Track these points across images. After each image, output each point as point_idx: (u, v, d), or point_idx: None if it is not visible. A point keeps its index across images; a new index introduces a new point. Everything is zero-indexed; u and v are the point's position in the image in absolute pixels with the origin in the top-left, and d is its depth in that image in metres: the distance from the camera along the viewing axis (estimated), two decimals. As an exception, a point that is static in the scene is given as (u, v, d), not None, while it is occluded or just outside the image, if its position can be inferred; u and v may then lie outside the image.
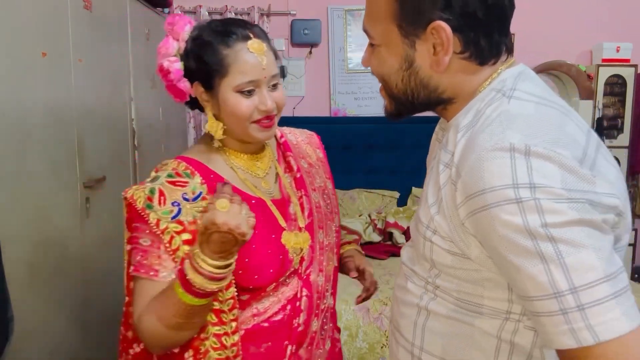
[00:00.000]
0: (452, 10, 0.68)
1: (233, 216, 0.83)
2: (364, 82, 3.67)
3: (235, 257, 0.89)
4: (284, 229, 1.03)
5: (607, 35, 3.62)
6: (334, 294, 1.15)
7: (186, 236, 0.93)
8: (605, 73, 3.55)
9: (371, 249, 2.87)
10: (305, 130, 1.24)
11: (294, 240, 1.03)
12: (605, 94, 3.59)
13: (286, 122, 1.22)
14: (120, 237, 1.21)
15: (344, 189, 3.35)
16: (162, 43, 0.98)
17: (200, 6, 3.65)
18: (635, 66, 3.55)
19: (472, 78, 0.74)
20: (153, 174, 0.99)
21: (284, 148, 1.14)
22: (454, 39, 0.70)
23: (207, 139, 1.05)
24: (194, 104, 1.04)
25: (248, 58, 0.95)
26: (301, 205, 1.08)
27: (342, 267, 1.21)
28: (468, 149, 0.67)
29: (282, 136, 1.17)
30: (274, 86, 1.00)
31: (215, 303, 0.95)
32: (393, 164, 3.46)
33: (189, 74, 0.99)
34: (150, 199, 0.93)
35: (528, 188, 0.60)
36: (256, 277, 0.97)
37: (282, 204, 1.06)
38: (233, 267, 0.90)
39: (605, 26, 3.65)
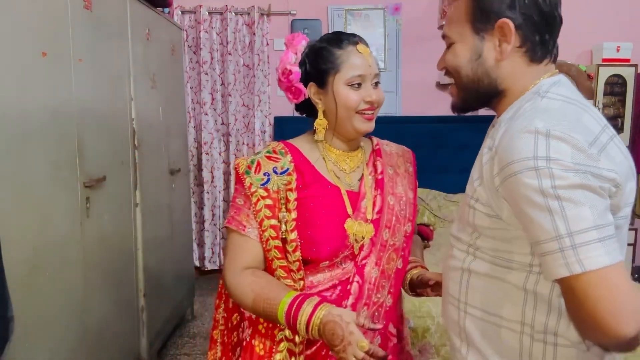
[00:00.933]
0: (515, 11, 0.91)
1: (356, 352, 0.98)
2: (364, 81, 3.67)
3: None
4: (350, 216, 1.17)
5: (607, 35, 3.62)
6: (394, 294, 1.22)
7: (268, 201, 1.14)
8: (605, 73, 3.55)
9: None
10: (404, 146, 1.40)
11: (356, 228, 1.17)
12: (605, 94, 3.59)
13: (287, 121, 1.27)
14: (120, 237, 1.22)
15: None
16: (283, 54, 1.20)
17: (200, 6, 3.65)
18: (635, 66, 3.55)
19: (523, 74, 0.95)
20: (259, 148, 1.18)
21: (376, 154, 1.30)
22: (515, 35, 0.91)
23: (312, 132, 1.23)
24: (304, 109, 1.24)
25: (357, 56, 1.16)
26: (374, 202, 1.21)
27: (416, 285, 1.25)
28: (505, 134, 0.87)
29: (377, 144, 1.33)
30: (376, 84, 1.19)
31: (283, 261, 1.13)
32: (393, 164, 3.46)
33: (304, 78, 1.19)
34: (249, 167, 1.16)
35: (545, 160, 0.79)
36: (314, 249, 1.13)
37: (356, 196, 1.21)
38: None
39: (606, 26, 3.65)
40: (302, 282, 1.14)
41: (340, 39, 1.18)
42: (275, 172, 1.15)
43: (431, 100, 3.65)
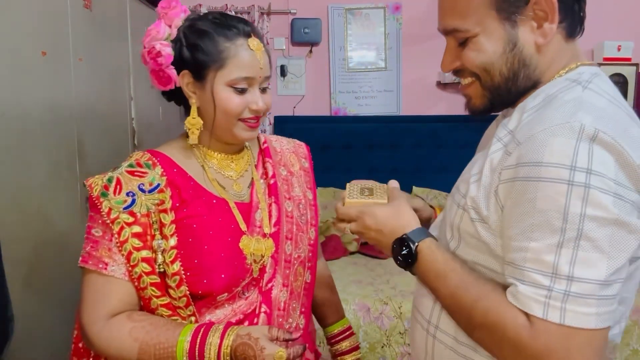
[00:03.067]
0: None
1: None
2: (364, 81, 3.67)
3: None
4: (244, 233, 0.98)
5: (608, 34, 3.61)
6: (305, 313, 1.07)
7: (136, 228, 0.91)
8: (606, 72, 3.52)
9: (371, 248, 2.87)
10: (296, 140, 1.21)
11: (254, 246, 0.98)
12: (606, 93, 3.59)
13: (287, 121, 1.21)
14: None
15: (344, 189, 3.34)
16: (154, 25, 0.94)
17: (200, 5, 3.64)
18: (636, 65, 3.54)
19: (560, 56, 0.78)
20: (120, 162, 0.98)
21: (264, 154, 1.11)
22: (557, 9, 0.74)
23: (185, 135, 1.03)
24: (172, 95, 1.01)
25: (247, 54, 0.94)
26: (269, 212, 1.04)
27: None
28: (535, 123, 0.71)
29: (265, 142, 1.14)
30: (264, 89, 0.99)
31: (165, 298, 0.92)
32: (394, 164, 3.45)
33: (178, 62, 0.95)
34: (106, 187, 0.92)
35: (585, 173, 0.64)
36: (205, 281, 0.92)
37: (248, 208, 1.02)
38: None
39: (607, 25, 3.64)
40: (193, 318, 0.93)
41: (228, 26, 0.94)
42: (143, 191, 0.92)
43: (431, 100, 3.64)
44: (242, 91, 0.95)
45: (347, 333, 1.23)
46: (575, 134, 0.65)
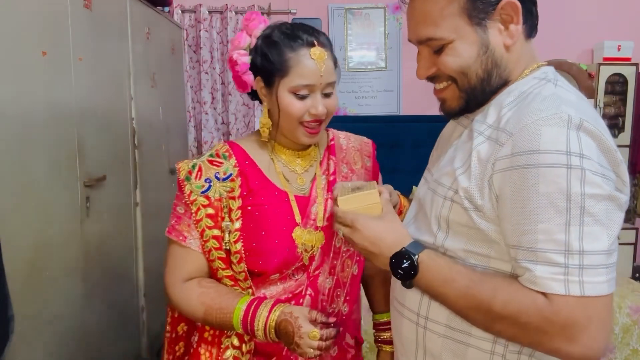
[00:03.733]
0: None
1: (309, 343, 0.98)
2: (364, 81, 3.67)
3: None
4: (298, 225, 1.09)
5: (608, 34, 3.61)
6: (350, 302, 1.16)
7: (210, 210, 1.06)
8: (606, 72, 3.54)
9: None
10: (364, 138, 1.29)
11: (305, 237, 1.09)
12: (606, 93, 3.58)
13: None
14: (120, 237, 1.22)
15: (344, 188, 3.34)
16: (237, 36, 1.08)
17: (200, 5, 3.64)
18: (636, 65, 3.54)
19: (523, 55, 0.85)
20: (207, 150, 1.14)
21: (330, 151, 1.20)
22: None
23: (259, 131, 1.14)
24: (255, 95, 1.13)
25: (308, 63, 1.03)
26: (325, 206, 1.12)
27: None
28: (523, 115, 0.76)
29: (332, 139, 1.22)
30: (328, 94, 1.07)
31: (229, 271, 1.07)
32: (393, 163, 3.45)
33: (254, 69, 1.08)
34: (190, 172, 1.07)
35: (578, 157, 0.70)
36: (260, 262, 1.05)
37: (307, 201, 1.12)
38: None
39: (607, 25, 3.64)
40: (250, 290, 1.07)
41: (294, 36, 1.04)
42: (217, 178, 1.06)
43: (431, 100, 3.63)
44: (303, 97, 1.04)
45: None
46: (565, 123, 0.72)
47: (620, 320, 2.28)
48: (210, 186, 1.06)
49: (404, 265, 0.83)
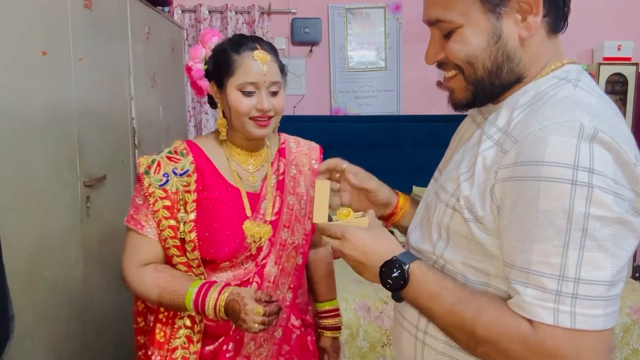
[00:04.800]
0: None
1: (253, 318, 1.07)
2: (364, 80, 3.67)
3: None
4: (248, 218, 1.20)
5: (608, 34, 3.61)
6: (293, 289, 1.28)
7: (167, 202, 1.16)
8: (606, 71, 3.54)
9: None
10: (312, 142, 1.39)
11: (254, 230, 1.20)
12: (606, 93, 3.56)
13: (287, 120, 1.29)
14: (120, 236, 1.23)
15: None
16: (193, 48, 1.22)
17: (200, 5, 3.65)
18: (636, 65, 3.54)
19: (543, 51, 0.77)
20: (164, 148, 1.23)
21: (280, 153, 1.31)
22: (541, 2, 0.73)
23: (217, 132, 1.25)
24: (213, 102, 1.24)
25: (252, 64, 1.15)
26: (273, 203, 1.25)
27: None
28: (531, 120, 0.69)
29: (283, 142, 1.34)
30: (275, 93, 1.18)
31: (183, 258, 1.17)
32: (393, 163, 3.46)
33: (208, 75, 1.21)
34: (149, 167, 1.17)
35: (587, 172, 0.63)
36: (212, 250, 1.16)
37: (257, 198, 1.24)
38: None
39: (607, 24, 3.64)
40: (202, 276, 1.18)
41: (239, 43, 1.18)
42: (175, 174, 1.17)
43: (431, 99, 3.65)
44: (249, 94, 1.15)
45: (334, 313, 1.44)
46: (575, 133, 0.64)
47: (620, 320, 2.28)
48: (167, 180, 1.16)
49: (394, 274, 0.79)
